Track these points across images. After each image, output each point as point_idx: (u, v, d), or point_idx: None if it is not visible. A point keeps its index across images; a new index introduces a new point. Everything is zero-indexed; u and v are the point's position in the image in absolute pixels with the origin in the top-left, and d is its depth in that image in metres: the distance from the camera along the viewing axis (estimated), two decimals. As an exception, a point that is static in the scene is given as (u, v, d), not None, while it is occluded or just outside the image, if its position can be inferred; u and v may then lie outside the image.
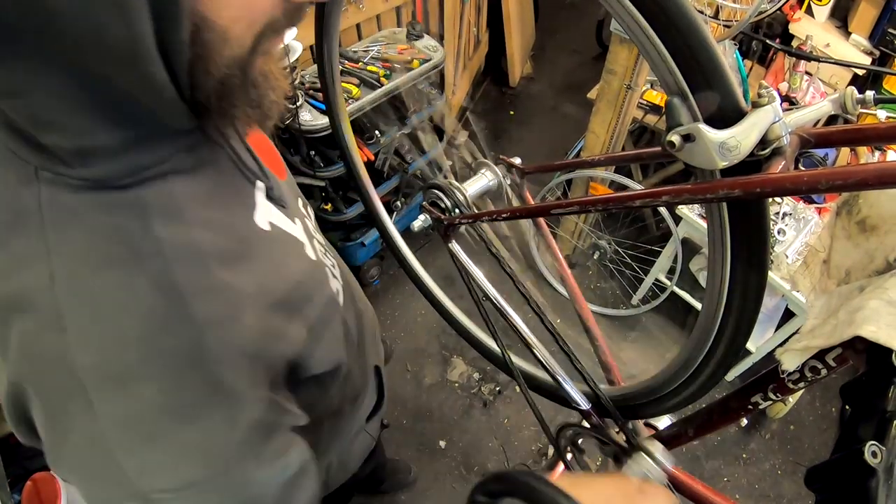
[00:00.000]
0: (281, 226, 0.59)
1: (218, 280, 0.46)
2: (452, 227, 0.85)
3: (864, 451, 0.35)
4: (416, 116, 2.07)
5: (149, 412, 0.42)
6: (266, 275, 0.52)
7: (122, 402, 0.41)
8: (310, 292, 0.59)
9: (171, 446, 0.43)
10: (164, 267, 0.42)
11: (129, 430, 0.42)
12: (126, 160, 0.42)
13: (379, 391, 0.91)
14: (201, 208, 0.47)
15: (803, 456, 2.09)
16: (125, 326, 0.41)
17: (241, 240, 0.51)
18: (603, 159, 1.01)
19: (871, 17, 2.13)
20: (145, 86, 0.38)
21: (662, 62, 0.42)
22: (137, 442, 0.42)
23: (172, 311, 0.42)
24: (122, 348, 0.41)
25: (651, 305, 2.34)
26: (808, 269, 0.58)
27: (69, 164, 0.40)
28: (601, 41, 3.72)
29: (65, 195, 0.41)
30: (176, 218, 0.45)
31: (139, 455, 0.42)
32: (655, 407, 0.73)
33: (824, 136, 0.47)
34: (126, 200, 0.43)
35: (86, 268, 0.41)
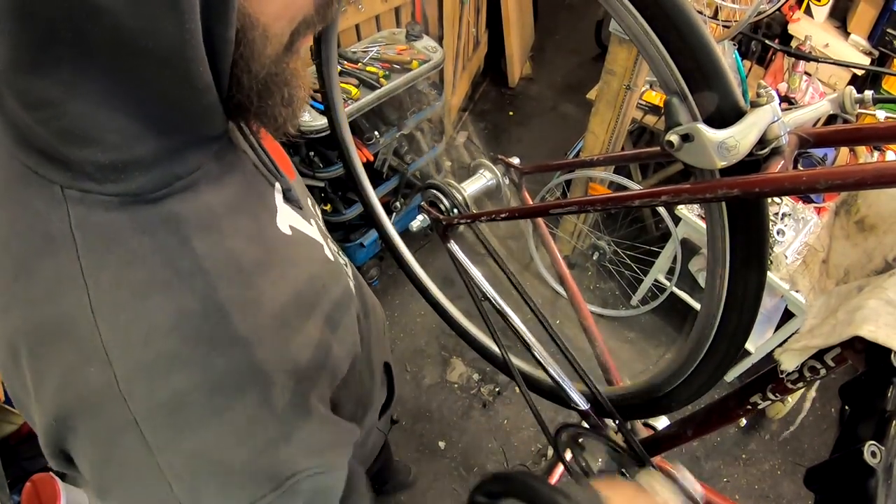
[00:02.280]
0: (300, 228, 0.58)
1: (256, 291, 0.45)
2: (451, 227, 0.84)
3: (864, 451, 0.35)
4: (415, 117, 2.07)
5: (197, 438, 0.40)
6: (296, 280, 0.51)
7: (173, 430, 0.40)
8: (330, 290, 0.58)
9: (220, 470, 0.42)
10: (205, 284, 0.41)
11: (181, 457, 0.40)
12: (158, 172, 0.41)
13: (389, 387, 0.91)
14: (233, 217, 0.46)
15: (803, 456, 2.09)
16: (171, 353, 0.39)
17: (269, 247, 0.50)
18: (602, 159, 1.01)
19: (870, 17, 2.13)
20: (188, 87, 0.37)
21: (662, 62, 0.42)
22: (188, 468, 0.41)
23: (216, 331, 0.41)
24: (169, 375, 0.39)
25: (650, 306, 2.34)
26: (807, 268, 0.58)
27: (98, 179, 0.38)
28: (600, 41, 3.72)
29: (96, 215, 0.39)
30: (211, 230, 0.43)
31: (191, 481, 0.41)
32: (654, 407, 0.73)
33: (823, 135, 0.47)
34: (160, 215, 0.41)
35: (125, 294, 0.39)
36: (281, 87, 0.45)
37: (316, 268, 0.56)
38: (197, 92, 0.38)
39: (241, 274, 0.44)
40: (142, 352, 0.39)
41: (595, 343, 0.92)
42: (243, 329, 0.42)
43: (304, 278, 0.52)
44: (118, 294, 0.39)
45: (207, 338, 0.41)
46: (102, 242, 0.39)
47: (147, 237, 0.40)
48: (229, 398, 0.41)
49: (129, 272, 0.39)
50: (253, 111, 0.44)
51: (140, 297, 0.39)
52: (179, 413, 0.40)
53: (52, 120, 0.35)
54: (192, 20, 0.33)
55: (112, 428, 0.39)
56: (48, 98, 0.34)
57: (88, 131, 0.36)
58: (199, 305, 0.41)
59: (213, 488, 0.41)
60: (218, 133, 0.45)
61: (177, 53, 0.34)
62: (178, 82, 0.36)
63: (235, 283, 0.43)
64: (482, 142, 3.28)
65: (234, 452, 0.42)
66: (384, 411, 0.91)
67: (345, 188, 2.08)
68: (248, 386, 0.42)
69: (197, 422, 0.40)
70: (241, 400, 0.42)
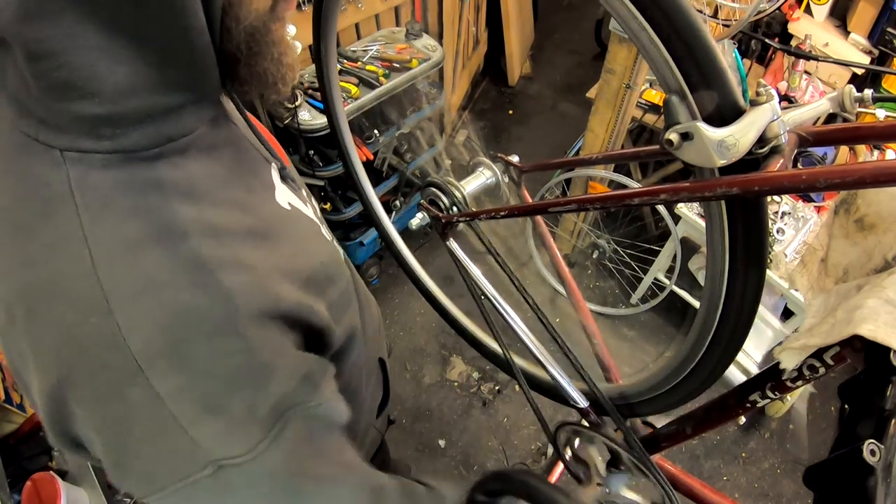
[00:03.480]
0: (298, 207, 0.60)
1: (242, 256, 0.46)
2: (450, 225, 0.84)
3: (863, 450, 0.35)
4: (414, 116, 2.07)
5: (203, 381, 0.42)
6: (293, 252, 0.53)
7: (178, 375, 0.41)
8: (332, 274, 0.60)
9: (230, 412, 0.43)
10: (192, 245, 0.43)
11: (193, 402, 0.42)
12: (152, 129, 0.43)
13: (384, 385, 0.91)
14: (221, 188, 0.48)
15: (802, 454, 2.09)
16: (166, 301, 0.41)
17: (264, 219, 0.52)
18: (602, 158, 1.01)
19: (870, 16, 2.13)
20: (183, 28, 0.40)
21: (661, 61, 0.42)
22: (200, 412, 0.42)
23: (206, 283, 0.43)
24: (167, 323, 0.41)
25: (650, 304, 2.34)
26: (807, 267, 0.58)
27: (95, 136, 0.41)
28: (600, 40, 3.72)
29: (94, 175, 0.41)
30: (198, 199, 0.45)
31: (205, 424, 0.42)
32: (654, 405, 0.74)
33: (823, 134, 0.47)
34: (151, 179, 0.43)
35: (123, 248, 0.41)
36: (269, 46, 0.48)
37: (314, 243, 0.59)
38: (192, 32, 0.40)
39: (227, 239, 0.46)
40: (140, 301, 0.40)
41: (594, 341, 0.92)
42: (229, 283, 0.44)
43: (300, 251, 0.54)
44: (116, 246, 0.41)
45: (197, 288, 0.42)
46: (99, 200, 0.41)
47: (138, 197, 0.42)
48: (224, 342, 0.43)
49: (124, 227, 0.41)
50: (243, 62, 0.47)
51: (136, 250, 0.41)
52: (182, 358, 0.41)
53: (52, 71, 0.37)
54: None
55: (118, 380, 0.40)
56: (50, 49, 0.36)
57: (86, 83, 0.38)
58: (188, 263, 0.43)
59: (225, 429, 0.43)
60: (210, 94, 0.47)
61: None
62: (174, 22, 0.39)
63: (221, 245, 0.45)
64: (482, 140, 3.28)
65: (239, 394, 0.44)
66: (381, 410, 0.91)
67: (344, 187, 2.08)
68: (239, 332, 0.44)
69: (200, 368, 0.42)
70: (238, 345, 0.44)
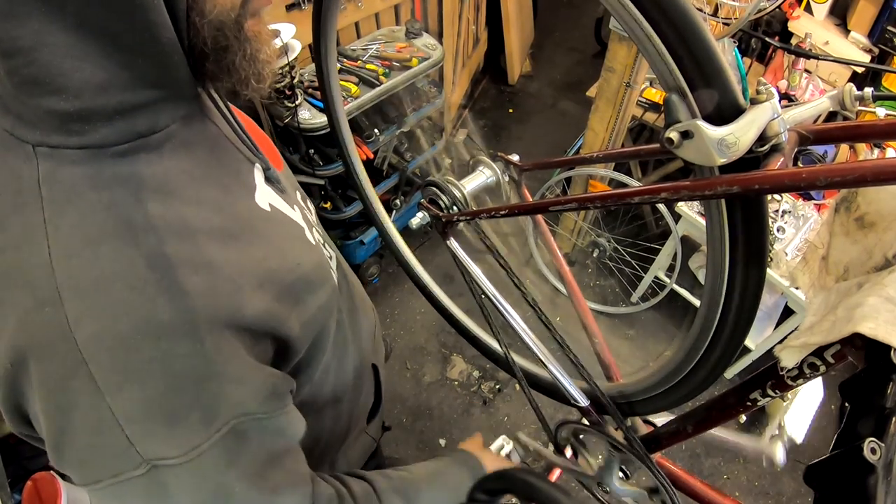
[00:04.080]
0: (281, 209, 0.60)
1: (209, 256, 0.46)
2: (451, 224, 0.84)
3: (864, 448, 0.35)
4: (414, 115, 2.06)
5: (145, 382, 0.43)
6: (264, 255, 0.52)
7: (121, 372, 0.42)
8: (312, 280, 0.59)
9: (170, 414, 0.44)
10: (156, 240, 0.43)
11: (132, 400, 0.42)
12: (121, 125, 0.43)
13: (376, 391, 0.90)
14: (195, 186, 0.48)
15: (803, 453, 2.09)
16: (119, 298, 0.42)
17: (238, 219, 0.51)
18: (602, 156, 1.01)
19: (871, 14, 2.12)
20: (146, 29, 0.40)
21: (661, 60, 0.42)
22: (138, 410, 0.43)
23: (164, 282, 0.43)
24: (116, 319, 0.41)
25: (650, 303, 2.34)
26: (807, 265, 0.58)
27: (65, 131, 0.41)
28: (600, 39, 3.71)
29: (63, 170, 0.42)
30: (168, 195, 0.46)
31: (142, 423, 0.43)
32: (654, 404, 0.74)
33: (823, 132, 0.47)
34: (120, 174, 0.44)
35: (81, 242, 0.41)
36: (242, 43, 0.48)
37: (292, 248, 0.58)
38: (156, 28, 0.41)
39: (195, 237, 0.46)
40: (92, 296, 0.41)
41: (595, 340, 0.92)
42: (190, 284, 0.44)
43: (275, 254, 0.54)
44: (73, 241, 0.41)
45: (154, 286, 0.43)
46: (64, 195, 0.42)
47: (105, 192, 0.43)
48: (173, 345, 0.43)
49: (85, 223, 0.42)
50: (211, 57, 0.47)
51: (93, 244, 0.42)
52: (126, 356, 0.42)
53: (22, 68, 0.38)
54: None
55: (63, 370, 0.41)
56: (20, 46, 0.37)
57: (54, 79, 0.39)
58: (148, 258, 0.43)
59: (162, 430, 0.44)
60: (182, 90, 0.47)
61: None
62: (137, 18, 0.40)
63: (186, 243, 0.45)
64: (482, 139, 3.28)
65: (181, 397, 0.44)
66: (372, 416, 0.90)
67: (345, 186, 2.07)
68: (192, 335, 0.44)
69: (144, 366, 0.42)
70: (186, 347, 0.44)
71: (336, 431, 0.77)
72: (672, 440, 0.73)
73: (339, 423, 0.77)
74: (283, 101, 1.66)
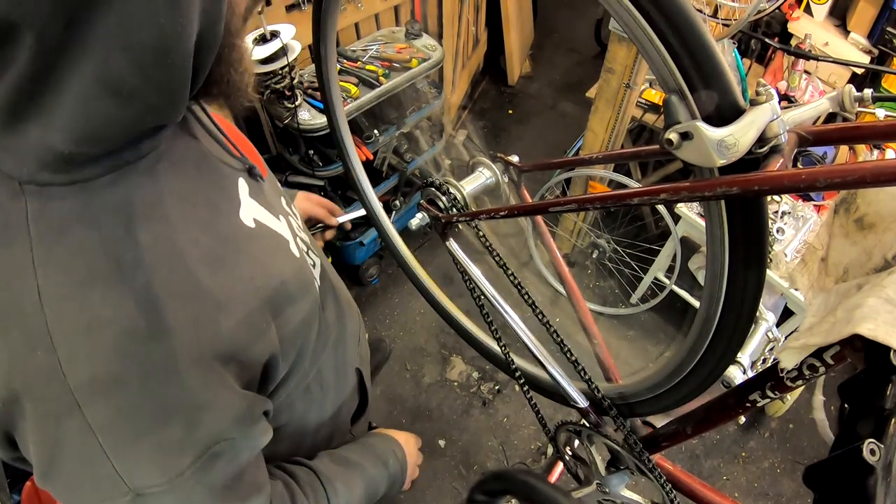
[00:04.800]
0: (266, 223, 0.59)
1: (198, 284, 0.47)
2: (450, 225, 0.85)
3: (863, 449, 0.35)
4: (414, 116, 2.06)
5: (135, 418, 0.44)
6: (251, 275, 0.52)
7: (113, 413, 0.43)
8: (293, 292, 0.59)
9: (157, 445, 0.45)
10: (145, 278, 0.44)
11: (122, 435, 0.44)
12: (109, 161, 0.43)
13: (361, 393, 0.90)
14: (184, 206, 0.48)
15: (802, 454, 2.09)
16: (111, 343, 0.42)
17: (225, 239, 0.51)
18: (601, 157, 1.01)
19: (870, 15, 2.13)
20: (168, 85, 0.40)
21: (661, 61, 0.42)
22: (128, 445, 0.44)
23: (153, 322, 0.43)
24: (109, 363, 0.42)
25: (650, 304, 2.34)
26: (807, 267, 0.58)
27: (53, 169, 0.41)
28: (600, 40, 3.72)
29: (52, 206, 0.41)
30: (159, 220, 0.46)
31: (129, 455, 0.44)
32: (654, 405, 0.74)
33: (823, 134, 0.48)
34: (111, 204, 0.43)
35: (71, 284, 0.41)
36: (234, 55, 0.49)
37: (276, 265, 0.57)
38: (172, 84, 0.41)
39: (184, 264, 0.46)
40: (84, 340, 0.41)
41: (594, 341, 0.92)
42: (182, 318, 0.45)
43: (260, 274, 0.54)
44: (64, 284, 0.41)
45: (145, 326, 0.43)
46: (54, 234, 0.41)
47: (94, 230, 0.42)
48: (164, 382, 0.44)
49: (75, 263, 0.42)
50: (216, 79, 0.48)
51: (84, 287, 0.42)
52: (118, 397, 0.43)
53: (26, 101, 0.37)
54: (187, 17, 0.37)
55: (56, 410, 0.42)
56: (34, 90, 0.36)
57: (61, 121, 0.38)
58: (137, 299, 0.43)
59: (149, 462, 0.45)
60: (177, 117, 0.47)
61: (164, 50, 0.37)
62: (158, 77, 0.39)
63: (175, 274, 0.45)
64: (481, 140, 3.28)
65: (168, 430, 0.45)
66: (357, 418, 0.90)
67: (344, 187, 2.07)
68: (182, 371, 0.45)
69: (134, 405, 0.43)
70: (174, 383, 0.45)
71: (319, 435, 0.78)
72: (672, 441, 0.73)
73: (321, 428, 0.77)
74: (282, 101, 1.66)
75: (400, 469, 0.83)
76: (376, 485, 0.77)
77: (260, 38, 1.49)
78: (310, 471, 0.68)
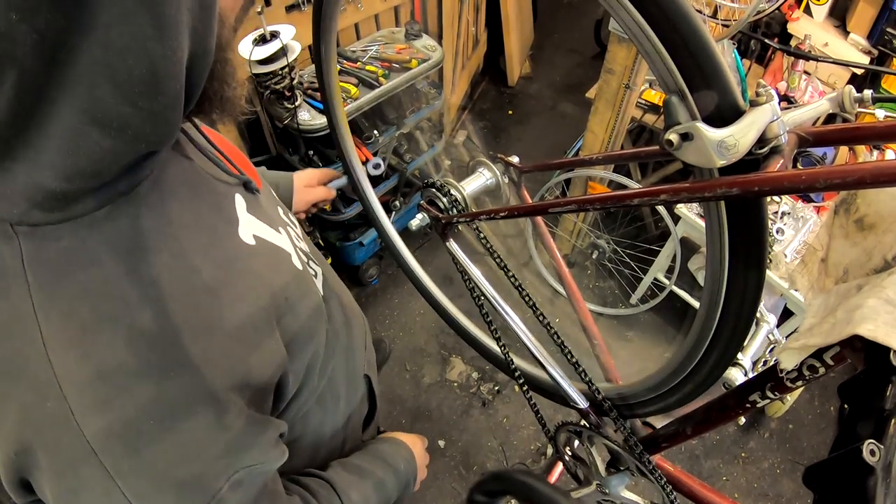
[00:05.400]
0: (266, 237, 0.57)
1: (206, 314, 0.45)
2: (450, 225, 0.85)
3: (863, 450, 0.35)
4: (414, 116, 2.06)
5: (156, 462, 0.42)
6: (256, 295, 0.51)
7: (131, 457, 0.41)
8: (298, 307, 0.58)
9: (180, 486, 0.44)
10: (153, 313, 0.42)
11: (142, 480, 0.42)
12: (106, 192, 0.41)
13: (370, 400, 0.90)
14: (184, 234, 0.46)
15: (802, 454, 2.09)
16: (123, 387, 0.41)
17: (227, 263, 0.50)
18: (601, 158, 1.01)
19: (870, 16, 2.13)
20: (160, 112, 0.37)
21: (661, 61, 0.42)
22: (150, 489, 0.43)
23: (166, 359, 0.42)
24: (123, 408, 0.40)
25: (650, 305, 2.34)
26: (807, 267, 0.58)
27: (46, 208, 0.38)
28: (599, 40, 3.72)
29: (47, 248, 0.39)
30: (160, 251, 0.44)
31: (153, 499, 0.43)
32: (654, 405, 0.74)
33: (822, 134, 0.48)
34: (108, 240, 0.41)
35: (76, 332, 0.40)
36: (229, 76, 0.47)
37: (279, 280, 0.56)
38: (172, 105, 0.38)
39: (194, 296, 0.45)
40: (95, 388, 0.40)
41: (594, 342, 0.93)
42: (194, 353, 0.43)
43: (265, 292, 0.52)
44: (68, 330, 0.39)
45: (157, 366, 0.42)
46: (53, 277, 0.39)
47: (95, 269, 0.40)
48: (180, 420, 0.43)
49: (78, 307, 0.40)
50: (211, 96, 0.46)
51: (90, 332, 0.40)
52: (134, 440, 0.41)
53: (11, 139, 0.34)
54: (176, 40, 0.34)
55: (72, 459, 0.41)
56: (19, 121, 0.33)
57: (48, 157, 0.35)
58: (147, 335, 0.41)
59: (171, 499, 0.44)
60: (170, 141, 0.44)
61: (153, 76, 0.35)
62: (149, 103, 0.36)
63: (187, 305, 0.44)
64: (481, 141, 3.28)
65: (188, 467, 0.44)
66: (367, 425, 0.90)
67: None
68: (198, 407, 0.44)
69: (152, 445, 0.42)
70: (191, 420, 0.44)
71: (332, 444, 0.78)
72: (671, 442, 0.73)
73: (335, 437, 0.77)
74: (282, 102, 1.66)
75: (411, 472, 0.83)
76: (389, 490, 0.76)
77: (260, 38, 1.49)
78: (324, 482, 0.67)
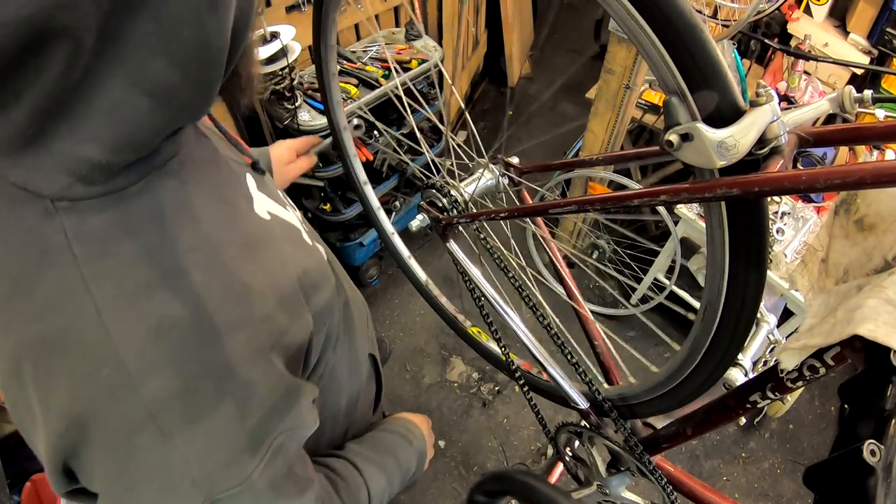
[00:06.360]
0: (278, 214, 0.60)
1: (240, 281, 0.47)
2: (450, 226, 0.85)
3: (863, 450, 0.35)
4: (414, 116, 2.07)
5: (210, 422, 0.43)
6: (281, 263, 0.53)
7: (188, 419, 0.42)
8: (316, 280, 0.59)
9: (232, 449, 0.45)
10: (202, 274, 0.43)
11: (196, 442, 0.43)
12: (144, 165, 0.43)
13: (377, 380, 0.91)
14: (214, 206, 0.48)
15: (802, 455, 2.09)
16: (179, 347, 0.42)
17: (251, 234, 0.52)
18: (601, 159, 1.01)
19: (870, 16, 2.13)
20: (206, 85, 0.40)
21: (661, 62, 0.42)
22: (203, 451, 0.43)
23: (214, 322, 0.43)
24: (180, 368, 0.41)
25: (650, 305, 2.34)
26: (807, 267, 0.58)
27: (89, 181, 0.39)
28: (599, 40, 3.72)
29: (90, 221, 0.40)
30: (193, 222, 0.45)
31: (206, 462, 0.43)
32: (654, 406, 0.73)
33: (822, 135, 0.48)
34: (148, 212, 0.43)
35: (129, 297, 0.40)
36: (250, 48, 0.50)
37: (297, 252, 0.58)
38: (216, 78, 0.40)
39: (225, 264, 0.46)
40: (152, 349, 0.40)
41: (594, 342, 0.92)
42: (234, 319, 0.45)
43: (288, 261, 0.55)
44: (122, 296, 0.40)
45: (207, 330, 0.43)
46: (99, 248, 0.40)
47: (141, 237, 0.42)
48: (231, 382, 0.44)
49: (129, 273, 0.41)
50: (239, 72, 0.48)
51: (144, 294, 0.41)
52: (193, 402, 0.42)
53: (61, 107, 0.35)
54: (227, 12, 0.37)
55: (129, 426, 0.41)
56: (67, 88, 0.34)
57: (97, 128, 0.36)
58: (200, 295, 0.43)
59: (222, 466, 0.45)
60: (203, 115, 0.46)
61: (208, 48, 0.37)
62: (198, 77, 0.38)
63: (222, 272, 0.45)
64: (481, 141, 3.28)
65: (239, 428, 0.45)
66: (377, 405, 0.91)
67: (344, 187, 2.07)
68: (250, 366, 0.45)
69: (208, 407, 0.43)
70: (239, 382, 0.45)
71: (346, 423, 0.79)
72: (672, 442, 0.73)
73: (347, 415, 0.79)
74: (282, 102, 1.66)
75: (423, 445, 0.84)
76: (407, 463, 0.78)
77: (260, 39, 1.49)
78: (344, 460, 0.69)
